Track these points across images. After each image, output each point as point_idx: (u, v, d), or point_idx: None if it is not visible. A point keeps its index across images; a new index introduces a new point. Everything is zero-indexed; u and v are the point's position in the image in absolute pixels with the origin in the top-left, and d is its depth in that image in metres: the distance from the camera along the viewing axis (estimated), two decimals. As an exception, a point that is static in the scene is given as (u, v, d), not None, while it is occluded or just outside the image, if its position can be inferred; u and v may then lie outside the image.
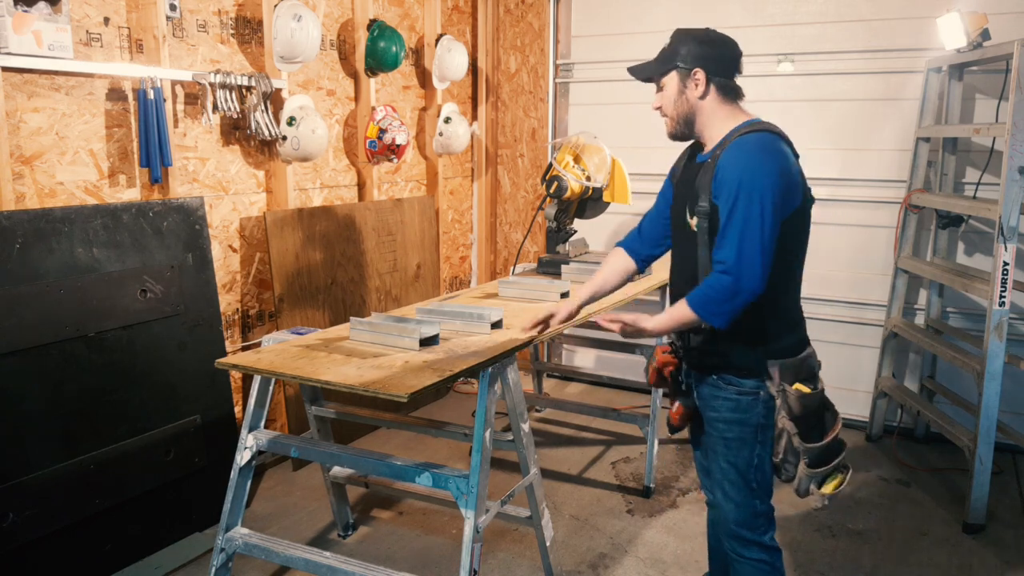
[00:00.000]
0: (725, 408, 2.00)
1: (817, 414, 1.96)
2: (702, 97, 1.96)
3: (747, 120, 1.96)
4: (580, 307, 2.31)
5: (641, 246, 2.28)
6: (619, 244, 2.33)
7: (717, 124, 1.97)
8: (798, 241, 1.95)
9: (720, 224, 1.87)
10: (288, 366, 2.08)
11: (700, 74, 1.94)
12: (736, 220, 1.82)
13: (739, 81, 1.99)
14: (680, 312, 1.92)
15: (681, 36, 1.99)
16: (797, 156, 1.95)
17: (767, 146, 1.87)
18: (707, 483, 2.27)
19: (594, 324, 2.18)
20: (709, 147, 1.99)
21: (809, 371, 1.98)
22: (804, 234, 1.97)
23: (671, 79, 1.98)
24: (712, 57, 1.95)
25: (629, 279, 2.33)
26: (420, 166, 4.50)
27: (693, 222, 1.95)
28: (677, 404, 2.14)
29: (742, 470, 2.01)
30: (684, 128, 2.01)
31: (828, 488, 1.99)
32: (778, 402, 1.95)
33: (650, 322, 1.97)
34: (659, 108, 2.03)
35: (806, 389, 1.93)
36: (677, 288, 2.09)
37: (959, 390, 3.90)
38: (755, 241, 1.81)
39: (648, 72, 2.04)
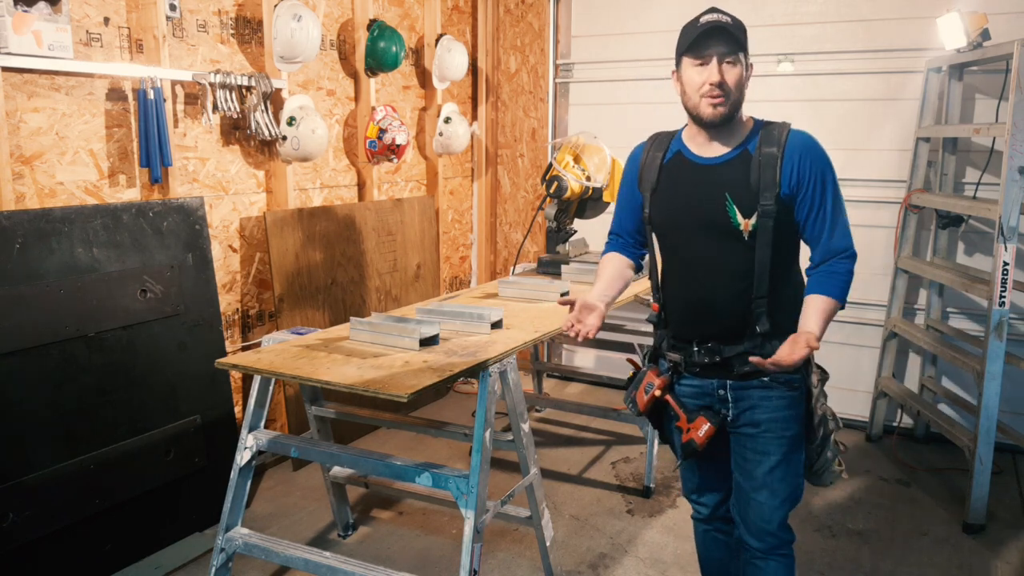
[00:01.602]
0: (782, 406, 1.94)
1: None
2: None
3: (753, 116, 1.94)
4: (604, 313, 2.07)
5: (631, 249, 2.18)
6: (609, 250, 2.20)
7: (742, 119, 1.91)
8: None
9: (817, 213, 1.87)
10: (288, 366, 2.08)
11: (751, 71, 1.87)
12: (839, 206, 1.89)
13: None
14: (829, 308, 1.85)
15: (742, 24, 1.86)
16: None
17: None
18: (713, 500, 2.17)
19: None
20: (728, 142, 1.89)
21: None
22: None
23: (741, 62, 1.82)
24: None
25: (634, 279, 2.21)
26: (420, 166, 4.50)
27: (748, 223, 1.83)
28: (708, 425, 1.94)
29: (796, 467, 1.98)
30: (732, 113, 1.85)
31: (835, 465, 2.04)
32: (816, 390, 1.95)
33: (816, 331, 1.82)
34: (720, 83, 1.80)
35: (824, 374, 2.00)
36: (703, 294, 1.93)
37: (959, 390, 3.90)
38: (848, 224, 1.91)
39: (736, 43, 1.81)
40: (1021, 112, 2.90)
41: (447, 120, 4.37)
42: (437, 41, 4.29)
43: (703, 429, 1.95)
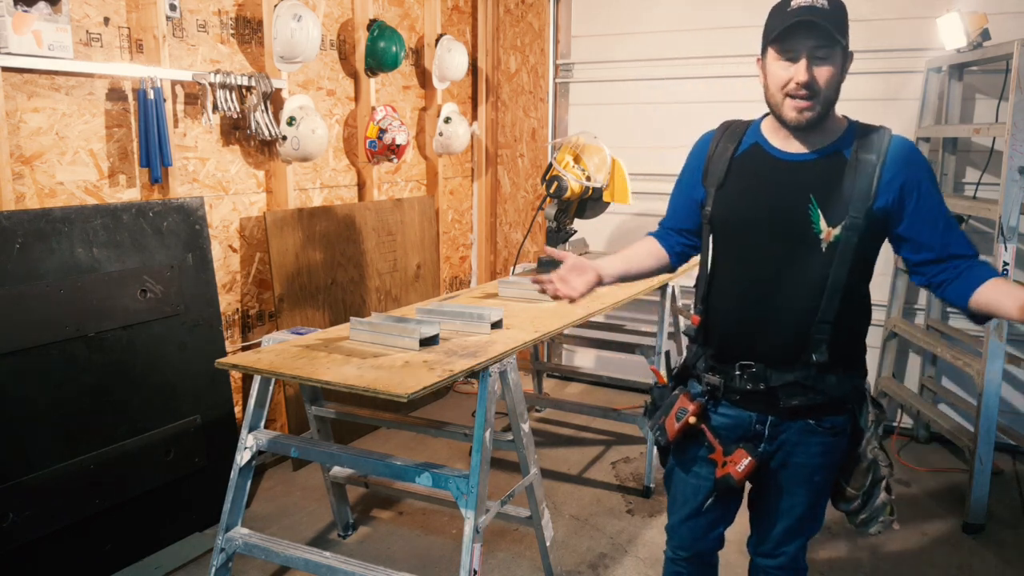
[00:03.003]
0: (816, 452, 1.75)
1: None
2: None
3: (846, 115, 1.75)
4: (601, 281, 1.87)
5: (672, 239, 1.95)
6: (649, 235, 2.01)
7: (835, 116, 1.71)
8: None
9: (934, 224, 1.65)
10: (288, 366, 2.08)
11: (850, 60, 1.66)
12: (951, 218, 1.67)
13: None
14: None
15: (841, 5, 1.64)
16: None
17: None
18: (693, 538, 1.96)
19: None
20: (817, 141, 1.69)
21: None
22: None
23: (837, 56, 1.62)
24: None
25: (661, 270, 1.97)
26: (420, 166, 4.50)
27: (830, 232, 1.63)
28: (749, 459, 1.72)
29: (819, 513, 1.86)
30: (822, 116, 1.64)
31: (887, 513, 1.86)
32: (869, 432, 1.77)
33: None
34: (808, 83, 1.59)
35: (881, 414, 1.79)
36: (761, 307, 1.72)
37: (959, 390, 3.90)
38: None
39: (829, 36, 1.59)
40: (1021, 112, 2.90)
41: (447, 120, 4.37)
42: (437, 41, 4.29)
43: (743, 463, 1.72)
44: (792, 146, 1.71)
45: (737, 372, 1.74)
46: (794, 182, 1.68)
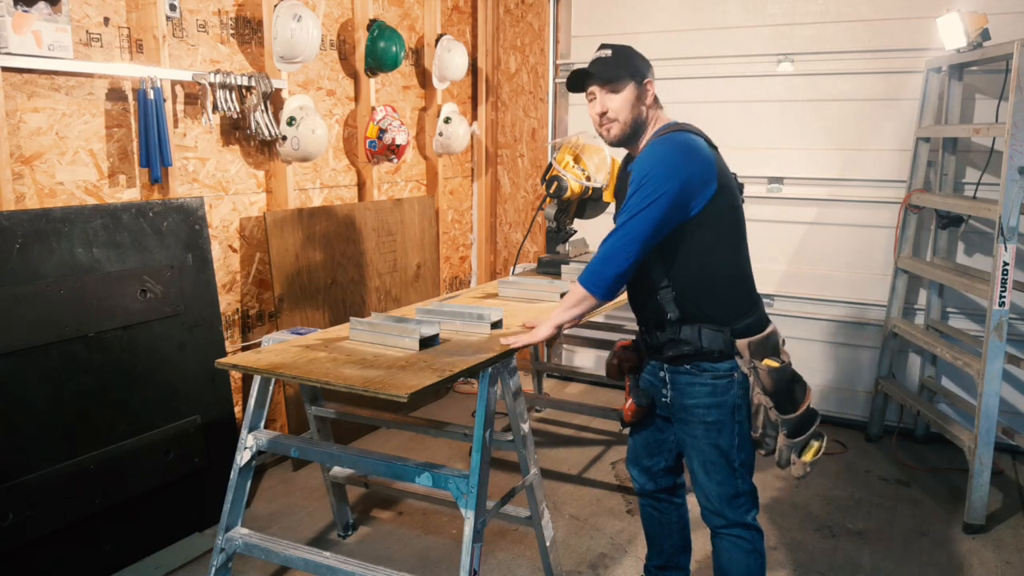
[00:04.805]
0: (703, 394, 2.09)
1: (788, 387, 2.07)
2: (651, 105, 2.14)
3: (666, 123, 2.13)
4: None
5: None
6: None
7: (652, 129, 2.14)
8: (732, 222, 2.07)
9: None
10: (288, 366, 2.08)
11: (652, 84, 2.12)
12: (632, 204, 1.98)
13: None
14: (573, 294, 2.11)
15: (625, 49, 2.14)
16: (715, 148, 2.10)
17: (675, 141, 2.01)
18: (641, 476, 2.39)
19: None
20: (639, 152, 2.13)
21: (774, 347, 2.08)
22: (736, 215, 2.08)
23: (629, 87, 2.09)
24: (650, 69, 2.17)
25: None
26: (420, 166, 4.50)
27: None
28: (630, 401, 2.25)
29: (724, 450, 2.11)
30: (631, 133, 2.12)
31: (808, 456, 2.10)
32: (751, 379, 2.06)
33: (550, 321, 2.15)
34: (605, 113, 2.10)
35: (775, 363, 2.03)
36: (632, 286, 2.23)
37: (959, 390, 3.90)
38: (639, 228, 1.97)
39: (611, 76, 2.10)
40: (1021, 112, 2.90)
41: (447, 120, 4.37)
42: (437, 41, 4.29)
43: (627, 403, 2.25)
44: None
45: (649, 332, 2.17)
46: (622, 190, 2.13)
